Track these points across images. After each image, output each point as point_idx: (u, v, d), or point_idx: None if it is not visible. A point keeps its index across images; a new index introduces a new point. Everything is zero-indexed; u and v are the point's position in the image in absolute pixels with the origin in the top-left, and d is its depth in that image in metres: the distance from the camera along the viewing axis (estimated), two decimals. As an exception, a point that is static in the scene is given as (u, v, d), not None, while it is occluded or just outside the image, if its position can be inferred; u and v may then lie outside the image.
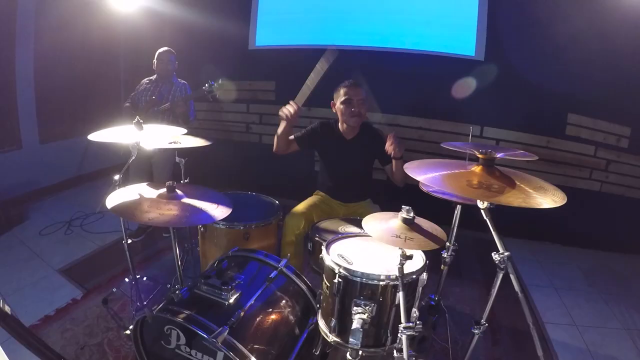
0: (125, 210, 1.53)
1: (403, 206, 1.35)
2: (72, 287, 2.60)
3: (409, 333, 1.26)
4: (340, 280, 1.43)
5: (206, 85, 2.96)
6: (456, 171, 1.41)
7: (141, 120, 1.94)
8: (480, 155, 1.39)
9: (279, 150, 2.48)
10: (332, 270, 1.48)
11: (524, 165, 3.34)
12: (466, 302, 2.73)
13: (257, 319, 1.53)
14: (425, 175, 1.38)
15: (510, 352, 2.28)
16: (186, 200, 1.64)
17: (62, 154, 4.25)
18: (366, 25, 3.80)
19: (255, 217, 2.22)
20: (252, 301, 1.54)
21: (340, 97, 2.39)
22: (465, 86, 3.50)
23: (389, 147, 2.19)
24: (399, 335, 1.30)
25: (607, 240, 3.39)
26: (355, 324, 1.28)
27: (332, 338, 1.52)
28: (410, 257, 1.32)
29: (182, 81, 3.28)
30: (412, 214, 1.33)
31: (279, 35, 4.08)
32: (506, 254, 1.31)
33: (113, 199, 1.59)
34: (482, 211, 1.40)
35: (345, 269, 1.45)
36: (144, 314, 1.46)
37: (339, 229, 2.12)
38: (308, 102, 4.27)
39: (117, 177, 1.93)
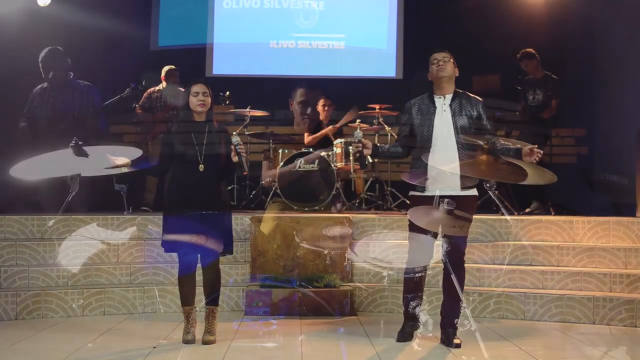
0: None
1: (445, 200, 1.40)
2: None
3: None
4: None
5: (127, 89, 2.54)
6: (468, 160, 1.58)
7: (80, 143, 1.55)
8: (485, 146, 1.55)
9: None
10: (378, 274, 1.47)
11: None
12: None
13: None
14: (449, 165, 1.51)
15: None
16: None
17: None
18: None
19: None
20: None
21: (297, 97, 2.40)
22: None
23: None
24: (461, 311, 1.38)
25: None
26: (423, 316, 1.31)
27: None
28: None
29: (84, 82, 2.68)
30: (453, 206, 1.39)
31: (185, 35, 3.74)
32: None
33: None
34: (489, 191, 1.59)
35: (392, 269, 1.44)
36: None
37: (324, 232, 2.02)
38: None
39: (52, 222, 1.64)
